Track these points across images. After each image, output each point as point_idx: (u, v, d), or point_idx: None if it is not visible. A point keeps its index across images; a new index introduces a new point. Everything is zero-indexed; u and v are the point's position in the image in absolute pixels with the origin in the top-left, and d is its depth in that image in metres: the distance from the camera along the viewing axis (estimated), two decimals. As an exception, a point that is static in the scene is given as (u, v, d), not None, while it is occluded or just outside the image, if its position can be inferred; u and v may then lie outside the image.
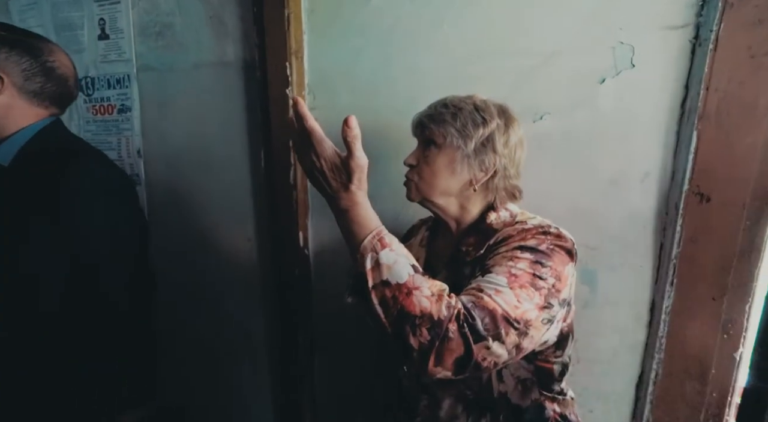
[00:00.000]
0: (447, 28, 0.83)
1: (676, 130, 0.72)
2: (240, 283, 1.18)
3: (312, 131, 0.51)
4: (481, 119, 0.61)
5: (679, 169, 0.71)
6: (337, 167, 0.51)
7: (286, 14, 0.88)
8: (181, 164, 1.18)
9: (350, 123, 0.50)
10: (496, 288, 0.50)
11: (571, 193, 0.80)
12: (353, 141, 0.50)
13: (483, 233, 0.63)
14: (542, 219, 0.62)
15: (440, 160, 0.62)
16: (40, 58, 0.77)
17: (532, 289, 0.51)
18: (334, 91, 0.95)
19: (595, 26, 0.73)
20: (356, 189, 0.51)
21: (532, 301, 0.50)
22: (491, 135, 0.61)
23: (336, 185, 0.51)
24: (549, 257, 0.54)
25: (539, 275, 0.52)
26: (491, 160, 0.61)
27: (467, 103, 0.62)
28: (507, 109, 0.65)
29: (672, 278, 0.73)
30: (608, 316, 0.81)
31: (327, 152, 0.51)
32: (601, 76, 0.74)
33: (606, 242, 0.80)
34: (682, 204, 0.70)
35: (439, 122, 0.62)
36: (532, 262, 0.53)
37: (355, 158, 0.50)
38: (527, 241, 0.56)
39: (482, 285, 0.51)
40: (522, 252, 0.54)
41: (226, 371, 1.28)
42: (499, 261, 0.54)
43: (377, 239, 0.51)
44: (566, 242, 0.57)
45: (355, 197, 0.51)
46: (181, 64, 1.11)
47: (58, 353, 0.79)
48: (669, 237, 0.74)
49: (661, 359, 0.76)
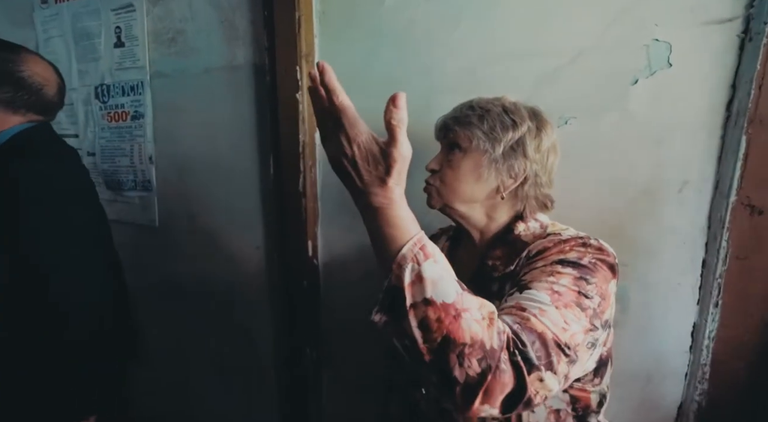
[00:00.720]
0: (464, 28, 0.78)
1: (721, 134, 0.65)
2: (248, 292, 1.15)
3: (344, 109, 0.42)
4: (510, 121, 0.57)
5: (725, 178, 0.64)
6: (373, 155, 0.41)
7: (297, 17, 0.86)
8: (191, 170, 1.17)
9: (398, 102, 0.40)
10: (540, 307, 0.43)
11: (599, 204, 0.74)
12: (398, 125, 0.40)
13: (510, 246, 0.58)
14: (576, 231, 0.57)
15: (465, 164, 0.58)
16: (8, 69, 0.79)
17: (578, 309, 0.45)
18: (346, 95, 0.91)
19: (626, 22, 0.67)
20: (394, 184, 0.41)
21: (579, 323, 0.44)
22: (522, 139, 0.56)
23: (369, 177, 0.41)
24: (593, 272, 0.48)
25: (585, 293, 0.46)
26: (521, 165, 0.57)
27: (495, 105, 0.58)
28: (539, 112, 0.61)
29: (716, 299, 0.66)
30: (642, 339, 0.74)
31: (362, 136, 0.41)
32: (633, 77, 0.68)
33: (639, 258, 0.73)
34: (728, 217, 0.63)
35: (464, 124, 0.58)
36: (575, 278, 0.47)
37: (398, 146, 0.39)
38: (567, 254, 0.50)
39: (523, 304, 0.45)
40: (563, 267, 0.48)
41: (232, 381, 1.25)
42: (538, 276, 0.48)
43: (419, 246, 0.40)
44: (609, 257, 0.52)
45: (392, 194, 0.41)
46: (193, 70, 1.10)
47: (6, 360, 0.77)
48: (712, 253, 0.66)
49: (705, 390, 0.68)
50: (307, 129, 0.92)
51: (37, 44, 1.35)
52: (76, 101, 1.31)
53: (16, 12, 1.36)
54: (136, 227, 1.30)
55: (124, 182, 1.27)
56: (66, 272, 0.76)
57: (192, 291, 1.26)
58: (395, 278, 0.40)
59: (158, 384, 1.40)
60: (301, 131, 0.91)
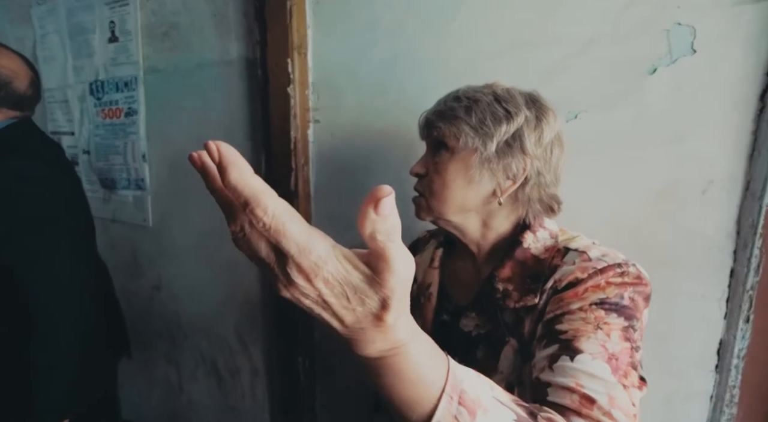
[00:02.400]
0: (464, 17, 0.73)
1: (753, 129, 0.58)
2: (240, 296, 1.11)
3: (281, 228, 0.22)
4: (503, 111, 0.48)
5: (757, 177, 0.57)
6: (354, 287, 0.23)
7: (288, 6, 0.81)
8: (184, 168, 1.13)
9: (381, 210, 0.21)
10: (608, 393, 0.37)
11: (611, 206, 0.67)
12: (386, 241, 0.22)
13: (522, 264, 0.50)
14: (588, 242, 0.50)
15: (453, 166, 0.50)
16: None
17: (633, 371, 0.40)
18: (339, 90, 0.86)
19: (644, 5, 0.61)
20: (395, 319, 0.24)
21: (638, 397, 0.39)
22: (518, 132, 0.48)
23: (355, 318, 0.24)
24: (636, 313, 0.42)
25: (635, 346, 0.41)
26: (519, 164, 0.49)
27: (485, 94, 0.49)
28: (538, 97, 0.52)
29: (747, 314, 0.58)
30: (660, 355, 0.66)
31: (326, 266, 0.23)
32: (651, 66, 0.62)
33: (656, 266, 0.65)
34: (761, 221, 0.56)
35: (449, 118, 0.49)
36: (624, 328, 0.41)
37: (392, 269, 0.23)
38: (606, 290, 0.43)
39: (585, 387, 0.37)
40: (607, 313, 0.41)
41: (224, 388, 1.20)
42: (583, 330, 0.41)
43: (456, 400, 0.27)
44: (647, 287, 0.45)
45: (395, 334, 0.25)
46: (186, 65, 1.07)
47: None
48: (742, 262, 0.59)
49: (734, 415, 0.61)
50: (299, 125, 0.87)
51: (34, 41, 1.34)
52: (72, 98, 1.29)
53: (14, 9, 1.35)
54: (129, 226, 1.28)
55: (118, 181, 1.25)
56: (44, 278, 0.73)
57: (184, 292, 1.22)
58: None
59: (150, 387, 1.37)
60: (293, 128, 0.87)
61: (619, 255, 0.46)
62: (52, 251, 0.75)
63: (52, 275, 0.74)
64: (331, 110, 0.88)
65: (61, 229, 0.78)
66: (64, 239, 0.78)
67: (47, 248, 0.75)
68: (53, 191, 0.79)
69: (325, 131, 0.89)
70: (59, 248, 0.76)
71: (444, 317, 0.57)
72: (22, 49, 1.37)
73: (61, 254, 0.76)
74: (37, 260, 0.73)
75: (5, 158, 0.75)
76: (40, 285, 0.73)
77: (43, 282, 0.73)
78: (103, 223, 1.30)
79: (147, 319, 1.30)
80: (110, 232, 1.32)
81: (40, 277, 0.73)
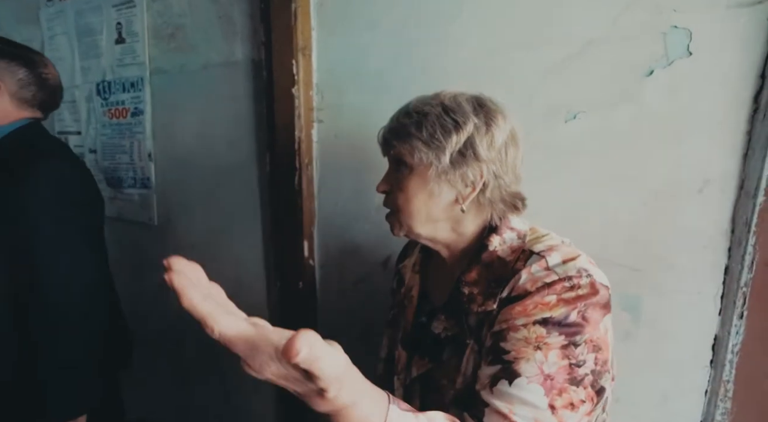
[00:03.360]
0: (465, 18, 0.74)
1: (747, 129, 0.59)
2: (245, 292, 1.12)
3: (228, 339, 0.29)
4: (452, 122, 0.49)
5: (751, 176, 0.58)
6: (296, 378, 0.30)
7: (293, 8, 0.83)
8: (190, 167, 1.15)
9: (295, 352, 0.26)
10: (535, 418, 0.41)
11: (609, 205, 0.69)
12: (311, 367, 0.27)
13: (487, 267, 0.51)
14: (557, 241, 0.50)
15: (413, 182, 0.51)
16: (36, 70, 0.85)
17: (573, 387, 0.42)
18: (342, 90, 0.88)
19: (641, 8, 0.62)
20: (335, 395, 0.31)
21: (578, 412, 0.42)
22: (469, 140, 0.48)
23: (305, 390, 0.31)
24: (582, 329, 0.43)
25: (575, 361, 0.42)
26: (476, 170, 0.49)
27: (433, 106, 0.50)
28: (485, 101, 0.52)
29: (742, 310, 0.60)
30: (655, 351, 0.68)
31: (269, 367, 0.29)
32: (648, 68, 0.63)
33: (653, 264, 0.67)
34: (755, 219, 0.57)
35: (402, 136, 0.51)
36: (563, 347, 0.42)
37: (321, 379, 0.28)
38: (553, 310, 0.43)
39: (515, 409, 0.41)
40: (548, 333, 0.43)
41: (228, 384, 1.22)
42: (523, 351, 0.43)
43: None
44: (601, 297, 0.45)
45: (336, 403, 0.32)
46: (191, 66, 1.09)
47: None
48: (736, 259, 0.60)
49: (728, 409, 0.62)
50: (303, 125, 0.89)
51: (42, 42, 1.36)
52: (79, 98, 1.31)
53: (23, 10, 1.38)
54: (135, 225, 1.30)
55: (124, 180, 1.27)
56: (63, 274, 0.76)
57: (189, 291, 1.24)
58: None
59: (155, 384, 1.39)
60: (297, 127, 0.88)
61: (577, 262, 0.46)
62: (79, 248, 0.79)
63: (80, 273, 0.78)
64: (335, 110, 0.90)
65: (88, 225, 0.84)
66: (90, 236, 0.84)
67: (76, 245, 0.79)
68: (82, 187, 0.85)
69: (329, 130, 0.91)
70: (84, 246, 0.81)
71: (422, 318, 0.59)
72: (30, 50, 1.40)
73: (84, 250, 0.80)
74: (65, 256, 0.77)
75: (33, 155, 0.81)
76: (68, 283, 0.76)
77: (68, 281, 0.76)
78: (108, 221, 1.32)
79: (151, 319, 1.32)
80: (116, 230, 1.34)
81: (71, 275, 0.77)
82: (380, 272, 0.91)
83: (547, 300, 0.44)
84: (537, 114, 0.71)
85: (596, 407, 0.44)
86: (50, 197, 0.77)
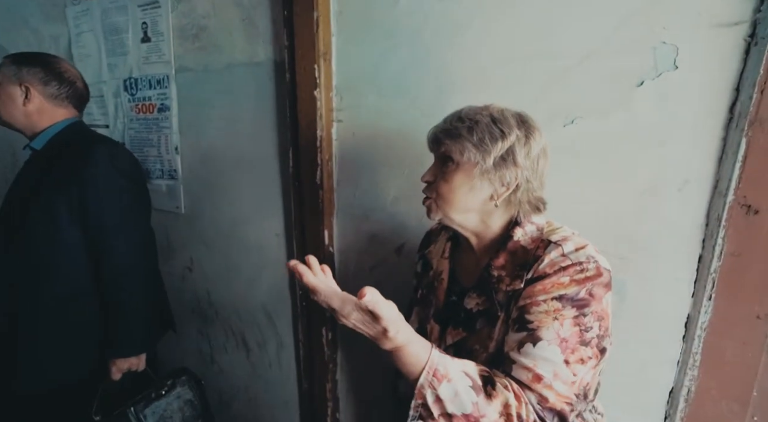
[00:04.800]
0: (477, 29, 0.81)
1: (722, 136, 0.67)
2: (268, 276, 1.23)
3: (327, 301, 0.51)
4: (499, 131, 0.58)
5: (723, 178, 0.67)
6: (367, 321, 0.49)
7: (315, 17, 0.89)
8: (214, 160, 1.24)
9: (363, 295, 0.47)
10: (554, 370, 0.52)
11: (602, 200, 0.77)
12: (374, 308, 0.47)
13: (512, 254, 0.61)
14: (569, 233, 0.60)
15: (458, 176, 0.60)
16: (50, 67, 0.98)
17: (582, 347, 0.53)
18: (360, 93, 0.95)
19: (634, 26, 0.69)
20: (395, 333, 0.49)
21: (587, 365, 0.53)
22: (511, 148, 0.58)
23: (374, 333, 0.50)
24: (590, 303, 0.54)
25: (584, 328, 0.54)
26: (512, 174, 0.59)
27: (483, 116, 0.59)
28: (527, 118, 0.61)
29: (710, 293, 0.69)
30: (638, 328, 0.78)
31: (352, 315, 0.49)
32: (639, 79, 0.70)
33: (639, 253, 0.76)
34: (725, 215, 0.66)
35: (455, 136, 0.60)
36: (575, 318, 0.54)
37: (382, 318, 0.48)
38: (567, 288, 0.54)
39: (538, 364, 0.53)
40: (564, 306, 0.54)
41: (252, 358, 1.34)
42: (545, 320, 0.54)
43: (431, 374, 0.51)
44: (604, 278, 0.56)
45: (396, 340, 0.50)
46: (215, 65, 1.15)
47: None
48: (708, 249, 0.69)
49: (695, 375, 0.72)
50: (324, 125, 0.97)
51: (69, 39, 1.42)
52: (107, 93, 1.39)
53: (50, 8, 1.43)
54: (163, 213, 1.39)
55: (152, 171, 1.36)
56: (132, 242, 0.98)
57: (215, 273, 1.35)
58: (418, 396, 0.52)
59: (183, 359, 1.51)
60: (318, 127, 0.96)
61: (587, 250, 0.56)
62: (139, 220, 1.02)
63: (136, 236, 0.99)
64: (353, 111, 0.97)
65: (143, 199, 1.06)
66: (145, 209, 1.06)
67: (136, 218, 1.00)
68: (134, 167, 1.03)
69: (348, 130, 0.99)
70: (143, 219, 1.04)
71: (453, 297, 0.70)
72: (57, 46, 1.46)
73: (142, 228, 1.03)
74: (129, 230, 0.97)
75: (87, 143, 0.98)
76: (138, 244, 0.99)
77: (138, 242, 0.99)
78: (138, 210, 1.42)
79: (180, 297, 1.44)
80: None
81: (138, 243, 1.00)
82: (394, 259, 1.01)
83: (562, 280, 0.55)
84: (539, 118, 0.76)
85: (600, 362, 0.55)
86: (112, 173, 0.94)
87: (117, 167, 0.96)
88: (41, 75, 0.97)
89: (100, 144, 0.97)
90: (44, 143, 0.99)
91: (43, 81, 0.97)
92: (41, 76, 0.97)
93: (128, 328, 0.98)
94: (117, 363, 0.98)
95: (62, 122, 1.00)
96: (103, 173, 0.93)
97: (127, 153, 1.03)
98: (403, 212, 0.96)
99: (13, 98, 0.96)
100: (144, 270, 1.00)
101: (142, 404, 0.99)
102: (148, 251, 1.04)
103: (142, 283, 0.99)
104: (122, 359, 0.98)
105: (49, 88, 0.98)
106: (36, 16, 1.48)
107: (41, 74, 0.97)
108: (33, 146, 1.00)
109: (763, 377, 0.68)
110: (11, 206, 0.98)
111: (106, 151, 0.95)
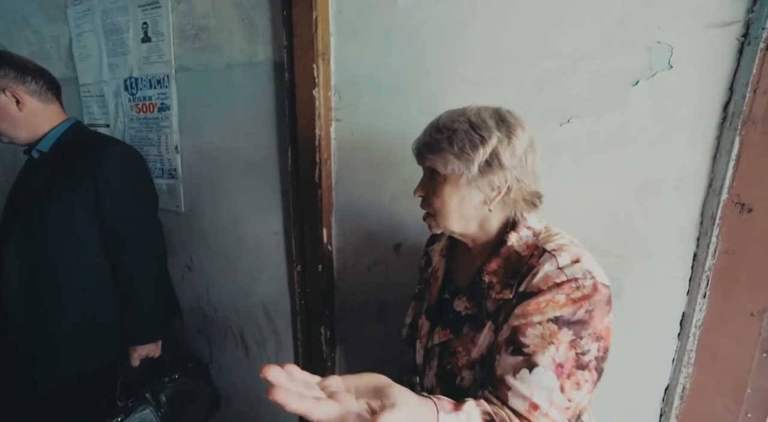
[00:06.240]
0: (473, 30, 0.82)
1: (716, 135, 0.68)
2: (267, 274, 1.23)
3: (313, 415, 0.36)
4: (479, 137, 0.56)
5: (718, 176, 0.67)
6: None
7: (314, 17, 0.90)
8: (214, 159, 1.25)
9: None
10: (550, 398, 0.51)
11: (598, 199, 0.78)
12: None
13: (506, 260, 0.60)
14: (566, 241, 0.58)
15: (447, 189, 0.60)
16: (18, 65, 0.96)
17: (579, 371, 0.51)
18: (359, 92, 0.96)
19: (630, 26, 0.70)
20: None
21: (582, 390, 0.52)
22: (494, 152, 0.56)
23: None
24: (587, 324, 0.52)
25: (581, 351, 0.52)
26: (500, 178, 0.57)
27: (461, 122, 0.57)
28: (506, 115, 0.59)
29: (705, 291, 0.70)
30: (634, 325, 0.78)
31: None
32: (634, 78, 0.71)
33: (634, 251, 0.77)
34: (719, 213, 0.67)
35: (436, 150, 0.58)
36: (571, 341, 0.51)
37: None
38: (563, 308, 0.52)
39: (534, 393, 0.51)
40: (560, 329, 0.52)
41: (251, 357, 1.35)
42: (540, 345, 0.52)
43: None
44: (602, 296, 0.53)
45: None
46: (215, 65, 1.16)
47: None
48: (703, 248, 0.70)
49: (690, 373, 0.73)
50: (322, 124, 0.98)
51: (70, 39, 1.43)
52: (108, 93, 1.39)
53: (51, 8, 1.44)
54: (163, 212, 1.39)
55: (153, 170, 1.36)
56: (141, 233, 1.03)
57: (214, 271, 1.35)
58: None
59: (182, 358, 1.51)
60: (317, 126, 0.97)
61: (583, 264, 0.54)
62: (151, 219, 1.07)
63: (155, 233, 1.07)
64: (352, 110, 0.98)
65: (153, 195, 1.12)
66: (153, 211, 1.10)
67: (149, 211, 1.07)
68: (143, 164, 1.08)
69: (346, 129, 1.00)
70: (154, 213, 1.09)
71: (446, 295, 0.70)
72: (58, 46, 1.47)
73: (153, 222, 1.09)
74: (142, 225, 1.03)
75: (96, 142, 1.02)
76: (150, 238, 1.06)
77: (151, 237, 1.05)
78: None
79: (180, 296, 1.44)
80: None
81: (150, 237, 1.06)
82: (392, 257, 1.01)
83: (557, 299, 0.52)
84: (536, 117, 0.78)
85: (596, 384, 0.53)
86: (125, 173, 0.98)
87: (129, 165, 1.00)
88: (13, 74, 0.93)
89: (111, 145, 1.00)
90: (51, 145, 1.00)
91: (19, 80, 0.93)
92: (14, 75, 0.93)
93: (146, 317, 1.03)
94: (137, 350, 1.04)
95: (63, 124, 1.02)
96: (117, 172, 0.97)
97: (135, 152, 1.07)
98: (401, 211, 0.97)
99: (6, 108, 0.93)
100: (156, 261, 1.05)
101: (158, 388, 1.12)
102: (158, 244, 1.10)
103: (156, 274, 1.04)
104: (141, 346, 1.04)
105: (29, 85, 0.94)
106: (37, 16, 1.49)
107: (12, 73, 0.93)
108: (41, 149, 1.00)
109: (756, 374, 0.69)
110: (25, 206, 1.00)
111: (118, 151, 0.99)
